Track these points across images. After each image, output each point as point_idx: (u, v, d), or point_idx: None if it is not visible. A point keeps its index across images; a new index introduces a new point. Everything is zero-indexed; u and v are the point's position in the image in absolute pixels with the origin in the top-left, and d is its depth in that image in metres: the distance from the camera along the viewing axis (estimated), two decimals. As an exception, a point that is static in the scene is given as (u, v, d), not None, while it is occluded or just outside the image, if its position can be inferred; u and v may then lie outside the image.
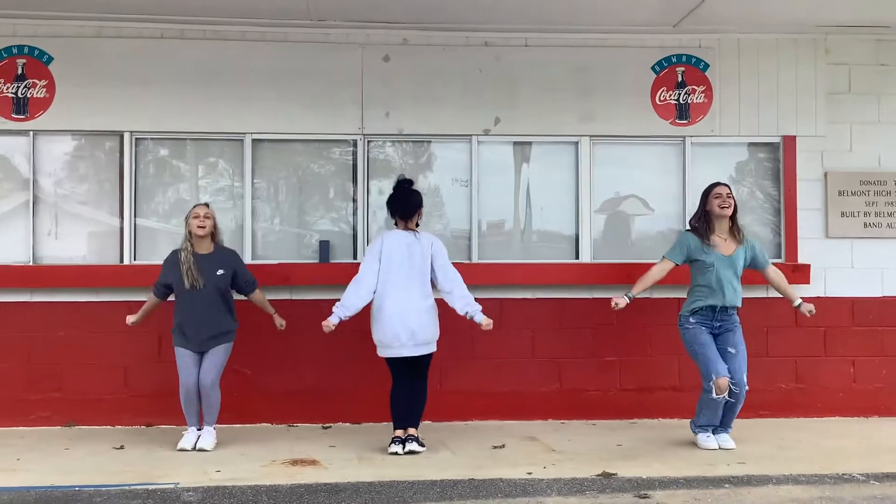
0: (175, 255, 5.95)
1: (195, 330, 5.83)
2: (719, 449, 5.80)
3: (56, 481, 5.00)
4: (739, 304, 5.97)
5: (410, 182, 5.99)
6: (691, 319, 5.93)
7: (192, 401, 5.89)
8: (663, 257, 6.08)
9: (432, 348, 5.84)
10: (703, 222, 6.01)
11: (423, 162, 6.96)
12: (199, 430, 5.93)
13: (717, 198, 5.96)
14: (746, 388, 5.82)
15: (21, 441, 6.11)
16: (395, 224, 5.96)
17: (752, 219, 7.05)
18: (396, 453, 5.67)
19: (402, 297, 5.72)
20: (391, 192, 6.00)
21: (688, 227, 6.19)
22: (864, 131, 7.09)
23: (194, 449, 5.79)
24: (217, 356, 5.89)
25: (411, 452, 5.67)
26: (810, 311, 6.06)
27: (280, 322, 6.15)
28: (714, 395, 5.72)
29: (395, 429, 5.82)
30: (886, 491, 4.81)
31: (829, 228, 7.05)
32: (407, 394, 5.83)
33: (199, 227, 5.87)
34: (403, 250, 5.77)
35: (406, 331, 5.69)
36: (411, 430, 5.79)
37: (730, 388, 5.73)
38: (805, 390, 6.97)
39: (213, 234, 5.98)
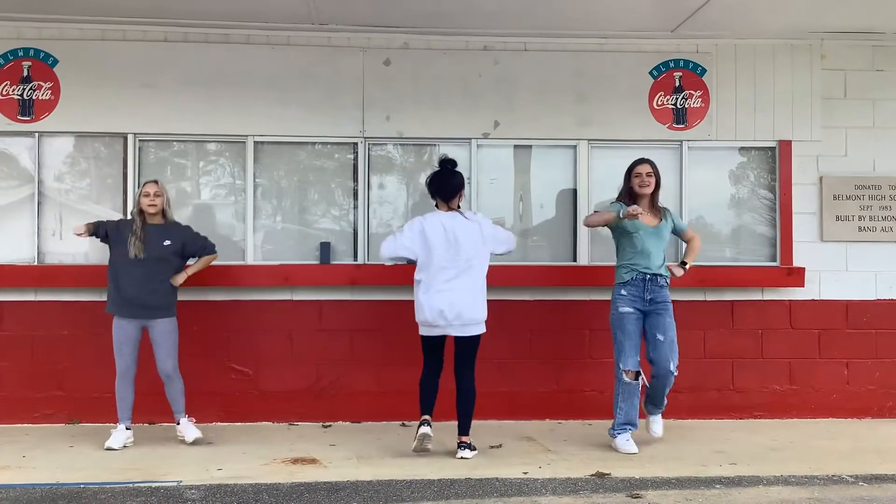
0: (127, 222, 6.05)
1: (138, 298, 5.87)
2: (649, 433, 5.88)
3: (61, 478, 5.09)
4: (668, 275, 5.97)
5: (454, 163, 5.88)
6: (622, 292, 5.89)
7: (128, 384, 5.95)
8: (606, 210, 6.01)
9: (481, 329, 5.71)
10: (628, 198, 5.99)
11: (425, 160, 7.04)
12: (128, 428, 5.95)
13: (636, 177, 5.97)
14: (675, 373, 5.86)
15: (26, 438, 6.21)
16: (437, 206, 5.89)
17: (747, 221, 7.14)
18: (426, 435, 5.51)
19: (447, 277, 5.62)
20: (432, 172, 5.94)
21: (613, 201, 6.16)
22: (860, 136, 7.16)
23: (120, 447, 5.80)
24: (167, 339, 5.95)
25: (463, 458, 5.57)
26: (678, 275, 5.97)
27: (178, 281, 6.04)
28: (625, 378, 5.80)
29: (422, 413, 5.63)
30: (874, 492, 4.89)
31: (823, 232, 7.11)
32: (435, 383, 5.71)
33: (149, 205, 5.96)
34: (443, 231, 5.68)
35: (451, 309, 5.57)
36: (463, 438, 5.66)
37: (643, 376, 5.84)
38: (799, 392, 7.06)
39: (164, 211, 6.06)
